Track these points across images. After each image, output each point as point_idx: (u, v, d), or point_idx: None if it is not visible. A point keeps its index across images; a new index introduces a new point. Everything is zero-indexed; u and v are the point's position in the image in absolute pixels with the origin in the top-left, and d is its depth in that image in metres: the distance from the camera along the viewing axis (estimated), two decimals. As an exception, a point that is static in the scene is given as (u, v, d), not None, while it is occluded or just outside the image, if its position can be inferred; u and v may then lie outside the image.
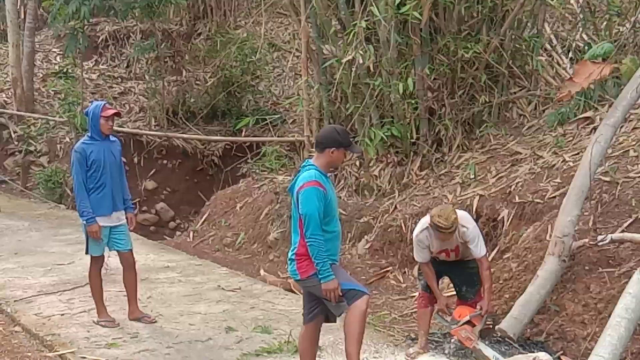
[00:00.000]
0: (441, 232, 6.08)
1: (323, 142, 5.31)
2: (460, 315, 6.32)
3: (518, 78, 10.56)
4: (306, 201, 5.11)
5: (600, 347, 5.57)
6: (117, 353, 6.29)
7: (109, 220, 6.93)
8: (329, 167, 5.36)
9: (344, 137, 5.33)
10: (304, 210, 5.11)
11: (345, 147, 5.30)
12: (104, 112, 6.89)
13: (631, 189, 7.29)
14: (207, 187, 14.75)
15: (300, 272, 5.27)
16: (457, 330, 6.29)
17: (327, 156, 5.27)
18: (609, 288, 6.45)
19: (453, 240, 6.25)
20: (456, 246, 6.33)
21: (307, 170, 5.26)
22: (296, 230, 5.30)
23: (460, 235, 6.22)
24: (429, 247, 6.33)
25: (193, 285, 8.68)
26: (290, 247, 5.39)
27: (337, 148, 5.24)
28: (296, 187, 5.24)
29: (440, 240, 6.24)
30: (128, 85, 17.43)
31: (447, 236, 6.14)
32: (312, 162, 5.32)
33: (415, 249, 6.44)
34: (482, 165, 9.52)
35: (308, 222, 5.09)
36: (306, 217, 5.10)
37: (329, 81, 10.97)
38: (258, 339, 6.72)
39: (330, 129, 5.63)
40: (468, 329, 6.24)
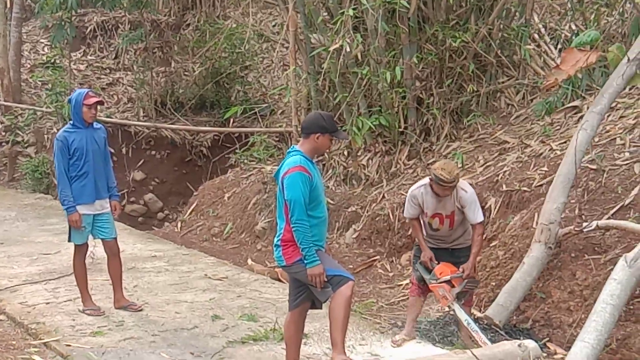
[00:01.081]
0: (442, 185, 6.00)
1: (308, 128, 5.28)
2: (441, 273, 6.27)
3: (506, 67, 10.56)
4: (291, 186, 5.09)
5: (586, 333, 5.56)
6: (103, 341, 6.26)
7: (92, 208, 6.88)
8: (314, 153, 5.34)
9: (329, 122, 5.31)
10: (289, 195, 5.09)
11: (331, 133, 5.27)
12: (87, 100, 6.81)
13: (617, 177, 7.31)
14: (195, 177, 14.70)
15: (286, 258, 5.25)
16: (435, 287, 6.27)
17: (312, 142, 5.24)
18: (595, 275, 6.47)
19: (449, 203, 6.18)
20: (452, 212, 6.22)
21: (293, 155, 5.24)
22: (281, 216, 5.28)
23: (457, 199, 6.16)
24: (421, 206, 6.26)
25: (180, 274, 8.65)
26: (276, 234, 5.37)
27: (323, 134, 5.22)
28: (281, 173, 5.22)
29: (436, 198, 6.17)
30: (116, 76, 17.34)
31: (446, 191, 6.06)
32: (297, 148, 5.30)
33: (407, 204, 6.41)
34: (470, 154, 9.52)
35: (293, 207, 5.08)
36: (291, 202, 5.08)
37: (317, 71, 10.94)
38: (244, 327, 6.70)
39: (315, 114, 5.61)
40: (446, 288, 6.21)
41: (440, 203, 6.20)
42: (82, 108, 6.79)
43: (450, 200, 6.18)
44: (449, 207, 6.21)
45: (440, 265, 6.32)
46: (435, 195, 6.18)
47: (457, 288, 6.23)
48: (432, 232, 6.39)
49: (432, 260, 6.36)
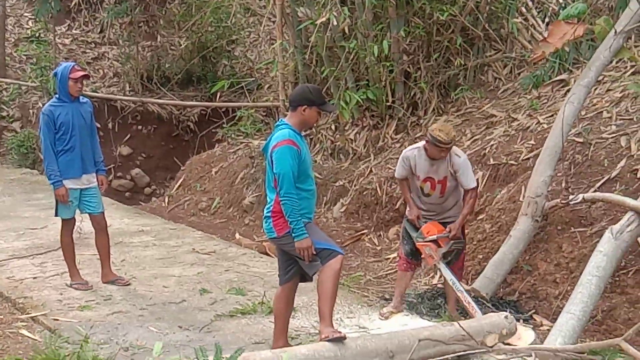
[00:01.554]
0: (438, 146, 6.01)
1: (295, 100, 5.27)
2: (428, 232, 6.26)
3: (494, 41, 10.53)
4: (280, 160, 5.08)
5: (572, 304, 5.63)
6: (90, 315, 6.26)
7: (79, 182, 6.84)
8: (302, 126, 5.32)
9: (316, 95, 5.28)
10: (278, 168, 5.09)
11: (318, 106, 5.24)
12: (73, 73, 6.75)
13: (604, 150, 7.34)
14: (182, 152, 14.65)
15: (277, 230, 5.23)
16: (421, 245, 6.27)
17: (299, 115, 5.22)
18: (581, 247, 6.52)
19: (442, 168, 6.18)
20: (444, 177, 6.21)
21: (281, 129, 5.22)
22: (271, 189, 5.27)
23: (451, 164, 6.16)
24: (412, 169, 6.26)
25: (167, 249, 8.65)
26: (266, 205, 5.36)
27: (309, 106, 5.19)
28: (270, 146, 5.20)
29: (429, 162, 6.17)
30: (102, 50, 17.18)
31: (442, 153, 6.07)
32: (285, 121, 5.28)
33: (398, 164, 6.41)
34: (458, 128, 9.51)
35: (282, 180, 5.07)
36: (280, 175, 5.08)
37: (304, 44, 10.87)
38: (232, 301, 6.72)
39: (302, 87, 5.59)
40: (432, 247, 6.22)
41: (433, 167, 6.19)
42: (68, 82, 6.73)
43: (443, 164, 6.18)
44: (441, 172, 6.20)
45: (428, 224, 6.30)
46: (428, 159, 6.19)
47: (444, 248, 6.24)
48: (423, 197, 6.34)
49: (419, 218, 6.34)
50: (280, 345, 5.20)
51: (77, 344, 5.24)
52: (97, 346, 5.47)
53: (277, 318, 5.48)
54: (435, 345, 5.06)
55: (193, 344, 5.47)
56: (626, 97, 8.07)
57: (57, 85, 6.83)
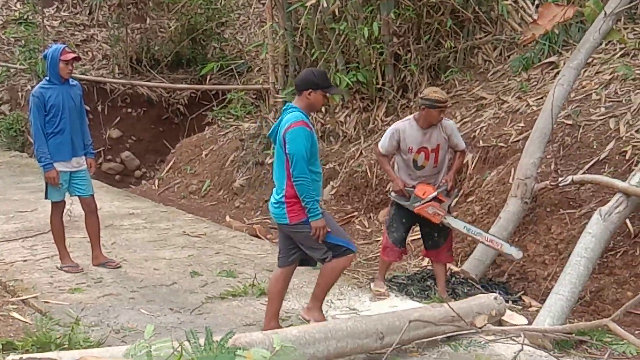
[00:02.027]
0: (439, 106, 6.09)
1: (300, 84, 5.26)
2: (424, 193, 6.22)
3: (483, 23, 10.51)
4: (294, 141, 5.06)
5: (560, 286, 5.67)
6: (81, 297, 6.27)
7: (69, 165, 6.83)
8: (309, 110, 5.30)
9: (321, 78, 5.27)
10: (292, 149, 5.06)
11: (323, 89, 5.23)
12: (63, 55, 6.72)
13: (593, 132, 7.37)
14: (172, 135, 14.59)
15: (290, 217, 5.20)
16: (422, 208, 6.21)
17: (305, 98, 5.21)
18: (570, 229, 6.56)
19: (435, 135, 6.21)
20: (437, 145, 6.24)
21: (291, 112, 5.20)
22: (282, 173, 5.22)
23: (443, 128, 6.23)
24: (400, 142, 6.24)
25: (158, 232, 8.65)
26: (276, 190, 5.30)
27: (314, 90, 5.18)
28: (282, 129, 5.16)
29: (421, 131, 6.19)
30: (90, 32, 17.05)
31: (440, 115, 6.14)
32: (293, 105, 5.26)
33: (386, 137, 6.32)
34: (448, 110, 9.46)
35: (296, 161, 5.05)
36: (294, 156, 5.05)
37: (294, 27, 10.83)
38: (223, 283, 6.74)
39: (307, 71, 5.56)
40: (435, 205, 6.20)
41: (426, 136, 6.22)
42: (58, 64, 6.70)
43: (436, 131, 6.22)
44: (434, 139, 6.24)
45: (418, 186, 6.28)
46: (420, 129, 6.21)
47: (447, 202, 6.28)
48: (417, 171, 6.33)
49: (406, 186, 6.31)
50: (272, 327, 5.23)
51: (68, 326, 5.25)
52: (88, 328, 5.48)
53: (271, 300, 5.49)
54: (425, 326, 5.10)
55: (184, 326, 5.49)
56: (615, 79, 8.09)
57: (47, 68, 6.79)
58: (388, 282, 6.80)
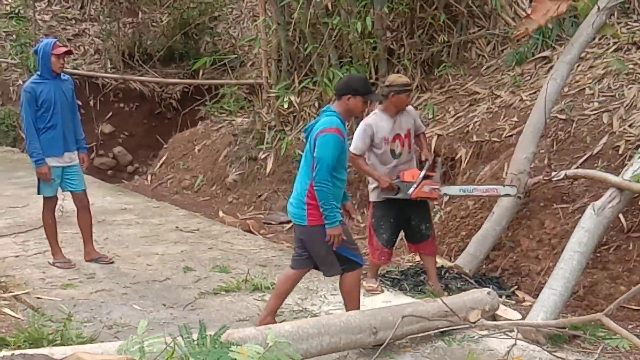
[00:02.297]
0: (407, 90, 6.22)
1: (340, 89, 5.22)
2: (413, 176, 6.20)
3: (477, 18, 10.50)
4: (323, 146, 5.00)
5: (554, 280, 5.67)
6: (73, 293, 6.24)
7: (61, 160, 6.79)
8: (347, 115, 5.23)
9: (361, 84, 5.22)
10: (320, 154, 5.01)
11: (363, 95, 5.16)
12: (55, 49, 6.67)
13: (586, 127, 7.37)
14: (165, 130, 14.55)
15: (309, 220, 5.15)
16: (419, 191, 6.17)
17: (344, 104, 5.15)
18: (563, 224, 6.56)
19: (403, 121, 6.28)
20: (407, 130, 6.32)
21: (329, 115, 5.14)
22: (308, 174, 5.17)
23: (408, 113, 6.35)
24: (374, 137, 6.21)
25: (150, 227, 8.63)
26: (299, 190, 5.25)
27: (354, 95, 5.12)
28: (316, 131, 5.11)
29: (391, 119, 6.22)
30: (82, 27, 16.98)
31: (408, 98, 6.27)
32: (333, 108, 5.21)
33: (359, 136, 6.23)
34: (441, 105, 9.52)
35: (320, 166, 5.00)
36: (320, 161, 5.00)
37: (287, 21, 10.80)
38: (216, 278, 6.72)
39: (347, 76, 5.61)
40: (428, 182, 6.18)
41: (396, 123, 6.26)
42: (50, 58, 6.66)
43: (403, 117, 6.30)
44: (404, 125, 6.31)
45: (405, 172, 6.26)
46: (390, 117, 6.24)
47: (437, 174, 6.29)
48: (395, 161, 6.31)
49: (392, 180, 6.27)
50: (267, 322, 5.21)
51: (60, 322, 5.22)
52: (81, 324, 5.45)
53: (277, 297, 5.44)
54: (418, 321, 5.09)
55: (177, 321, 5.47)
56: (608, 74, 8.09)
57: (39, 62, 6.75)
58: (381, 277, 6.79)
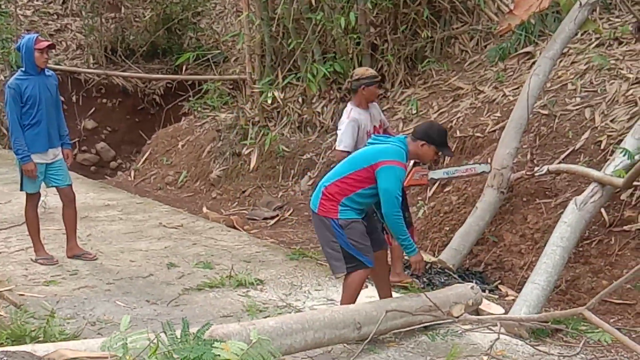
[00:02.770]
0: (375, 82, 6.33)
1: (418, 132, 5.21)
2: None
3: (460, 13, 10.53)
4: (390, 178, 4.99)
5: (536, 275, 5.70)
6: (56, 290, 6.20)
7: (45, 157, 6.74)
8: (413, 157, 5.26)
9: (439, 135, 5.20)
10: (386, 185, 4.99)
11: (437, 147, 5.17)
12: (38, 44, 6.62)
13: (568, 122, 7.41)
14: (148, 126, 14.49)
15: (320, 208, 5.17)
16: (410, 179, 6.09)
17: (417, 146, 5.15)
18: (546, 218, 6.60)
19: (374, 112, 6.41)
20: (380, 120, 6.46)
21: (399, 146, 5.13)
22: (344, 170, 5.16)
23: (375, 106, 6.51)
24: (359, 132, 6.24)
25: (134, 223, 8.59)
26: (326, 177, 5.29)
27: (428, 144, 5.13)
28: (382, 152, 5.09)
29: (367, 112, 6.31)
30: (64, 22, 16.87)
31: (377, 91, 6.43)
32: (406, 143, 5.19)
33: (348, 133, 6.22)
34: (424, 100, 9.55)
35: (387, 198, 4.99)
36: (386, 193, 4.99)
37: (270, 17, 10.77)
38: (200, 274, 6.71)
39: (431, 123, 5.50)
40: (417, 169, 6.14)
41: (371, 115, 6.38)
42: (33, 53, 6.60)
43: (373, 110, 6.45)
44: (376, 117, 6.44)
45: None
46: (364, 110, 6.33)
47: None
48: None
49: None
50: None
51: (43, 319, 5.18)
52: (64, 321, 5.42)
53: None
54: (402, 316, 5.10)
55: (161, 318, 5.45)
56: (591, 69, 8.14)
57: (23, 58, 6.69)
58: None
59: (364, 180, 5.08)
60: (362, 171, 5.09)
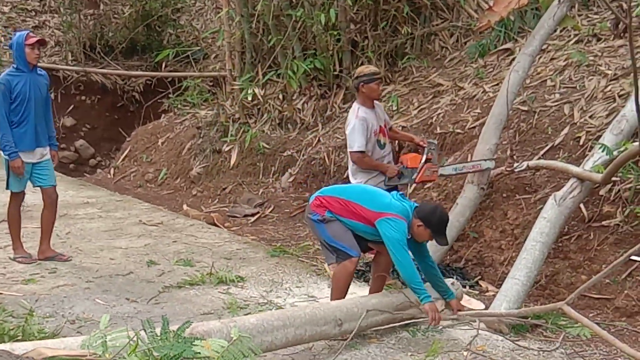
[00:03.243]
0: (376, 79, 6.26)
1: (420, 211, 5.18)
2: (415, 162, 6.28)
3: (440, 10, 10.55)
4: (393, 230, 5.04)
5: (516, 270, 5.73)
6: (35, 288, 6.15)
7: (32, 156, 6.66)
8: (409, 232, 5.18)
9: (438, 223, 5.17)
10: (391, 236, 5.04)
11: (432, 232, 5.15)
12: (28, 40, 6.56)
13: (547, 118, 7.45)
14: (128, 123, 14.39)
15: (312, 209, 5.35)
16: (422, 175, 6.25)
17: (414, 226, 5.15)
18: (525, 214, 6.63)
19: (379, 111, 6.38)
20: (384, 120, 6.44)
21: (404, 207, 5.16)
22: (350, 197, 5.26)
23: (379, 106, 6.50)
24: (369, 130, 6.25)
25: (114, 221, 8.55)
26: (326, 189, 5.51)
27: (425, 227, 5.13)
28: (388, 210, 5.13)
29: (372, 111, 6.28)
30: (42, 18, 16.72)
31: (379, 88, 6.36)
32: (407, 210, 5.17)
33: (359, 133, 6.19)
34: (405, 97, 9.56)
35: (394, 247, 5.04)
36: (392, 242, 5.04)
37: (250, 13, 10.73)
38: (180, 272, 6.68)
39: (435, 207, 5.31)
40: (428, 165, 6.27)
41: (376, 115, 6.34)
42: (24, 49, 6.54)
43: (377, 109, 6.42)
44: (380, 116, 6.42)
45: (408, 159, 6.33)
46: (369, 109, 6.28)
47: (434, 156, 6.37)
48: (381, 151, 6.36)
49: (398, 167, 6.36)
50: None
51: (21, 317, 5.13)
52: (43, 320, 5.37)
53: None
54: (383, 312, 5.11)
55: (140, 316, 5.43)
56: (569, 66, 8.18)
57: (14, 55, 6.64)
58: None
59: (362, 218, 5.19)
60: (367, 211, 5.17)
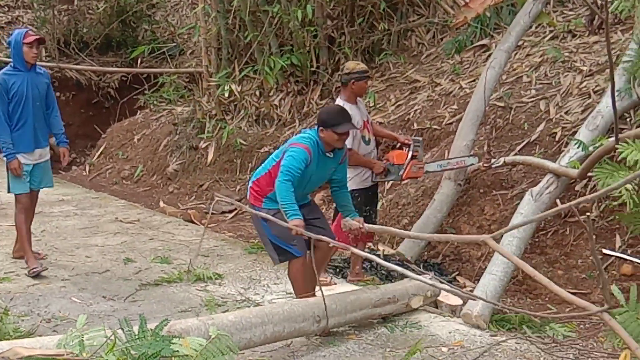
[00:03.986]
0: (365, 77, 6.24)
1: (318, 121, 5.19)
2: (401, 158, 6.27)
3: (417, 6, 10.57)
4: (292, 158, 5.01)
5: (493, 266, 5.76)
6: (10, 287, 6.07)
7: (31, 157, 6.48)
8: (326, 146, 5.16)
9: (328, 117, 5.14)
10: (284, 162, 5.02)
11: (332, 127, 5.08)
12: (26, 38, 6.36)
13: (524, 114, 7.49)
14: (103, 119, 14.24)
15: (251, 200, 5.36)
16: (408, 172, 6.25)
17: (321, 134, 5.12)
18: (502, 209, 6.67)
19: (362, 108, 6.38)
20: (367, 116, 6.45)
21: (310, 136, 5.15)
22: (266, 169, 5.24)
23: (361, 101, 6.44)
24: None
25: (89, 218, 8.47)
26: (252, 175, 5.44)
27: (325, 128, 5.09)
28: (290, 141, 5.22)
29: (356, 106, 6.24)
30: (15, 14, 16.52)
31: (366, 86, 6.38)
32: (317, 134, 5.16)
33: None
34: (382, 93, 9.57)
35: (280, 173, 5.01)
36: (285, 168, 5.00)
37: (226, 9, 10.69)
38: (157, 269, 6.64)
39: (323, 107, 5.36)
40: (414, 162, 6.27)
41: (359, 110, 6.30)
42: (22, 48, 6.35)
43: (360, 104, 6.39)
44: (364, 111, 6.40)
45: (394, 155, 6.32)
46: (353, 105, 6.21)
47: (420, 153, 6.38)
48: (367, 146, 6.31)
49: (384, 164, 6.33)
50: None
51: (-4, 316, 5.10)
52: (18, 318, 5.32)
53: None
54: (361, 308, 5.11)
55: (117, 314, 5.38)
56: (545, 62, 8.24)
57: (12, 54, 6.48)
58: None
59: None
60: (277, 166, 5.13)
